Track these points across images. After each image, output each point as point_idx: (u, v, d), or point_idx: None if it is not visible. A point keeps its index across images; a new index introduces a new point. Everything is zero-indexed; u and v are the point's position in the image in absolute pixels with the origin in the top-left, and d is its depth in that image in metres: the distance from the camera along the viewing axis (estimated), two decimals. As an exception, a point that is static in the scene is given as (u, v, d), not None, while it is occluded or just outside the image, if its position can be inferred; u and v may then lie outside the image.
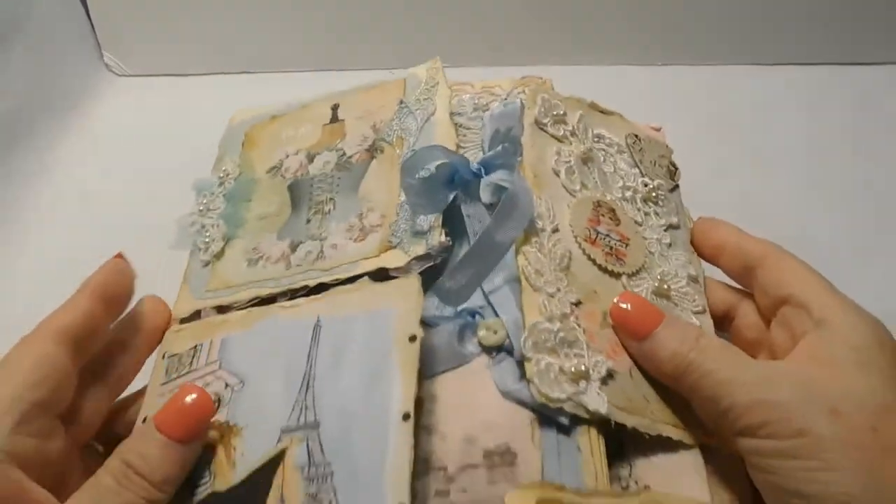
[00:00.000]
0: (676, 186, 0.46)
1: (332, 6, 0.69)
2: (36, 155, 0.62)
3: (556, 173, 0.40)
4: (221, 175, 0.49)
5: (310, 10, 0.69)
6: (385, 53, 0.71)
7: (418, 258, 0.36)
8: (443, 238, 0.37)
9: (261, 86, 0.71)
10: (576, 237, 0.38)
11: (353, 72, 0.72)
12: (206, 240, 0.44)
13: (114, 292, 0.36)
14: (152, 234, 0.55)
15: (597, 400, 0.31)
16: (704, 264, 0.42)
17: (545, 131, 0.42)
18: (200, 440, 0.31)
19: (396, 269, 0.36)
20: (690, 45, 0.69)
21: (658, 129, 0.51)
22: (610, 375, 0.32)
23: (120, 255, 0.37)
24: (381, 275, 0.37)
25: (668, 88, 0.67)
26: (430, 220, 0.38)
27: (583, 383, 0.31)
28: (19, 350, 0.31)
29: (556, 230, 0.37)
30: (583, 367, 0.32)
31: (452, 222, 0.39)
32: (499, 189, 0.38)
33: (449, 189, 0.39)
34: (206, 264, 0.43)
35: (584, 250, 0.37)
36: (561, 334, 0.33)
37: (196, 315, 0.41)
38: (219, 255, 0.43)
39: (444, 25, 0.70)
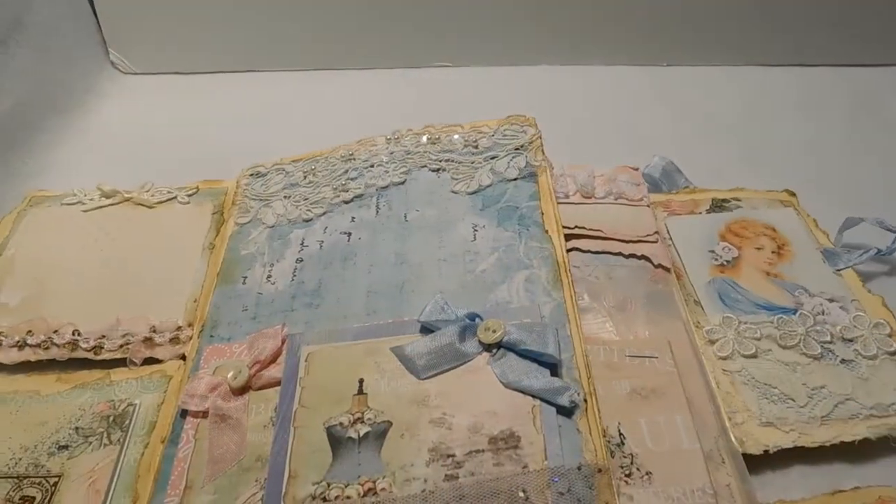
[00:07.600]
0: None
1: (332, 6, 0.70)
2: (41, 152, 0.63)
3: None
4: None
5: (313, 10, 0.70)
6: (385, 53, 0.72)
7: None
8: None
9: (266, 84, 0.72)
10: None
11: (353, 71, 0.73)
12: None
13: None
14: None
15: None
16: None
17: None
18: None
19: None
20: (690, 45, 0.70)
21: (636, 170, 0.52)
22: None
23: None
24: None
25: (668, 88, 0.68)
26: None
27: None
28: None
29: None
30: None
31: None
32: None
33: None
34: None
35: None
36: None
37: None
38: None
39: (444, 26, 0.70)
